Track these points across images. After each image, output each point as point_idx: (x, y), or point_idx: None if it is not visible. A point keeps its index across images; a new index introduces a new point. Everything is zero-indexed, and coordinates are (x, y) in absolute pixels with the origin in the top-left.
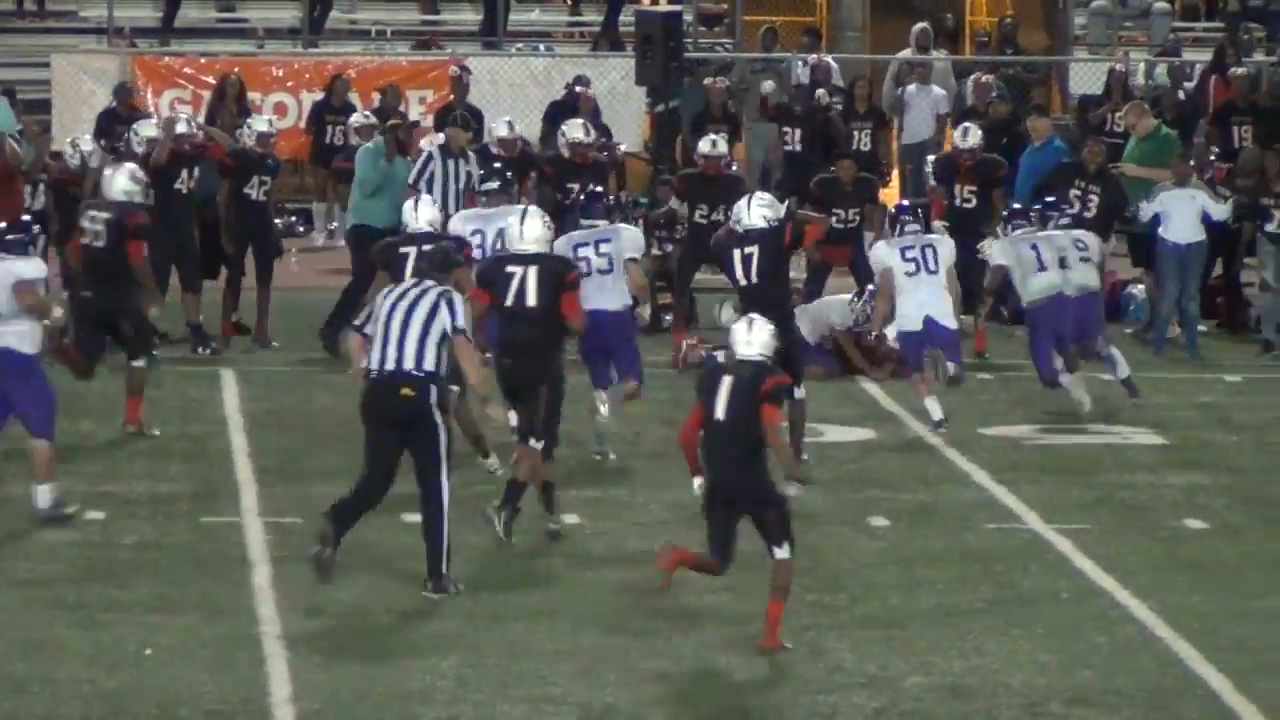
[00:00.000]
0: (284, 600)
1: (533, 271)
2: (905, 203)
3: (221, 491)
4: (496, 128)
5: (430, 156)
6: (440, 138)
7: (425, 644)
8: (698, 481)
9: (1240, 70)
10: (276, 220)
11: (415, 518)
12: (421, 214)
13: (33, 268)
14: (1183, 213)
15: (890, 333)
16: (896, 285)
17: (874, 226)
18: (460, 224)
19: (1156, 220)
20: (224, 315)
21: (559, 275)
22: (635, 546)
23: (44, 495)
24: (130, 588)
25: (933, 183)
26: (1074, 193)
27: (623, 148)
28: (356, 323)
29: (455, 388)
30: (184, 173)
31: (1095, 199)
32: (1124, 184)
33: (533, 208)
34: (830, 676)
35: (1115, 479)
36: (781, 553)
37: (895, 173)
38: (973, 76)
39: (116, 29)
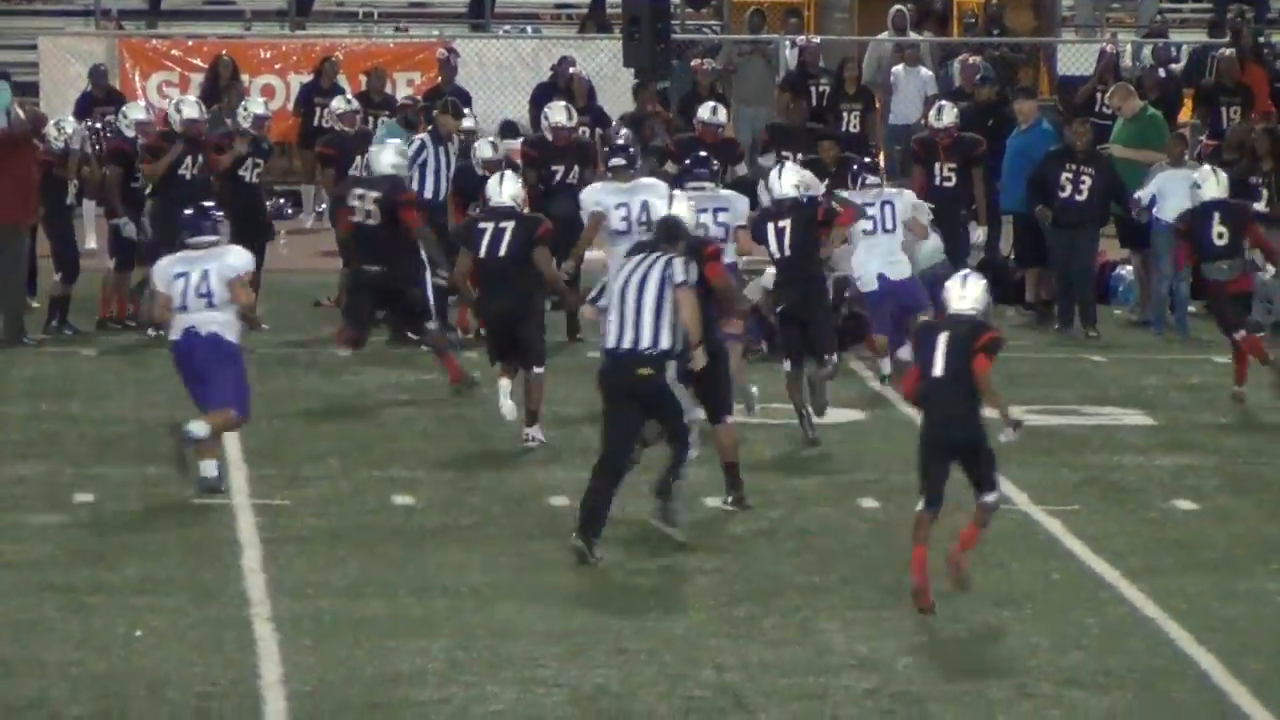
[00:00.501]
0: (274, 582)
1: None
2: (866, 159)
3: None
4: (480, 148)
5: (423, 145)
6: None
7: (415, 626)
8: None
9: (1229, 51)
10: (266, 203)
11: (407, 500)
12: (506, 189)
13: (242, 260)
14: (1178, 193)
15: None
16: (854, 243)
17: None
18: (601, 195)
19: (1151, 201)
20: None
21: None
22: (625, 529)
23: (210, 467)
24: (119, 570)
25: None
26: (1065, 175)
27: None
28: (591, 296)
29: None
30: (189, 158)
31: (1087, 181)
32: (1115, 165)
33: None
34: (821, 658)
35: (1105, 460)
36: (989, 497)
37: (882, 154)
38: (959, 58)
39: (103, 11)
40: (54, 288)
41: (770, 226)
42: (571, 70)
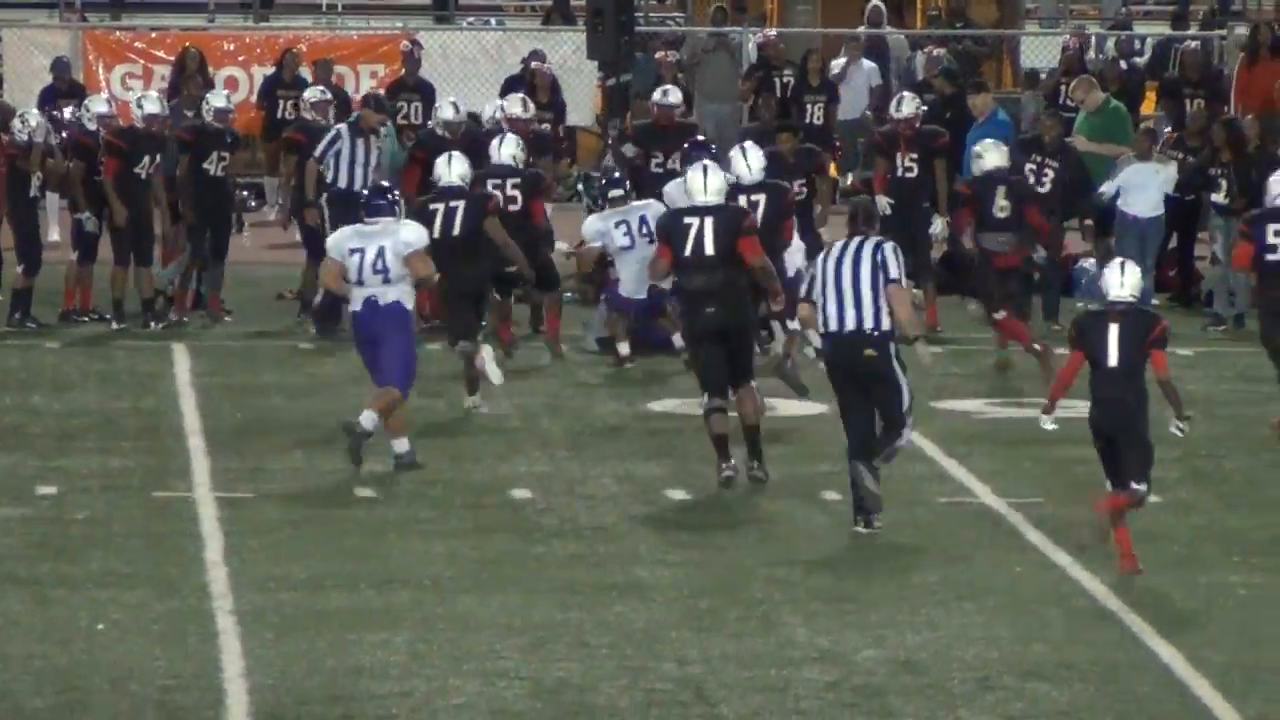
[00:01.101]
0: (236, 575)
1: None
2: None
3: (173, 466)
4: (442, 109)
5: (338, 134)
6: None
7: (377, 619)
8: (1049, 420)
9: (1193, 44)
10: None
11: (369, 492)
12: (454, 168)
13: (416, 234)
14: (1144, 186)
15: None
16: None
17: (822, 199)
18: (600, 224)
19: (1115, 194)
20: (179, 288)
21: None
22: (586, 520)
23: (402, 444)
24: (82, 563)
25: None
26: (1030, 167)
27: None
28: (801, 292)
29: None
30: (146, 158)
31: (1050, 173)
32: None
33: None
34: (783, 650)
35: (1067, 453)
36: (1140, 487)
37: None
38: (923, 50)
39: (67, 3)
40: (16, 280)
41: (743, 199)
42: (534, 65)
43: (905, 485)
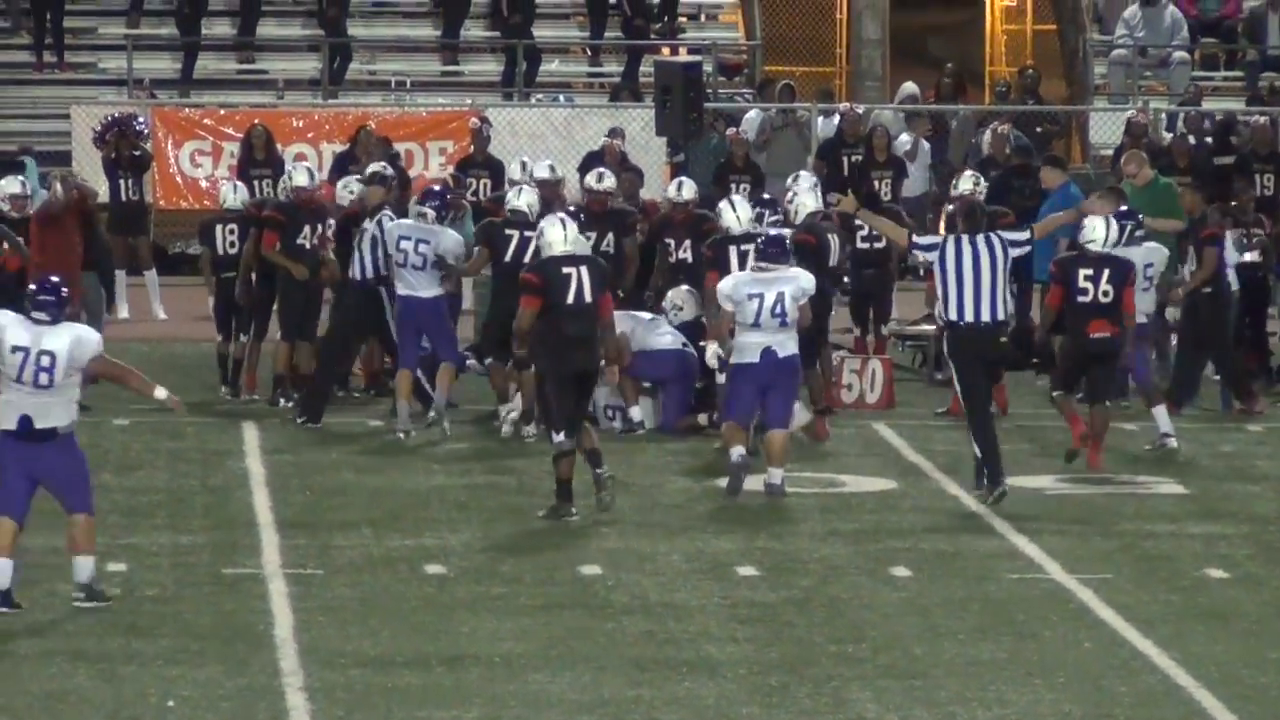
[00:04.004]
0: (305, 652)
1: None
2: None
3: (242, 543)
4: (537, 169)
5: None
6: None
7: (447, 696)
8: None
9: (1263, 119)
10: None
11: (439, 568)
12: (523, 198)
13: (810, 281)
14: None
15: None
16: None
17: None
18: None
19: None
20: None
21: None
22: (655, 597)
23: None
24: (151, 640)
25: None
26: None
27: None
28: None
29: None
30: (306, 228)
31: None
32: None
33: None
34: None
35: (1136, 528)
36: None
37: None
38: (990, 126)
39: (136, 80)
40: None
41: (733, 249)
42: (605, 140)
43: (974, 561)
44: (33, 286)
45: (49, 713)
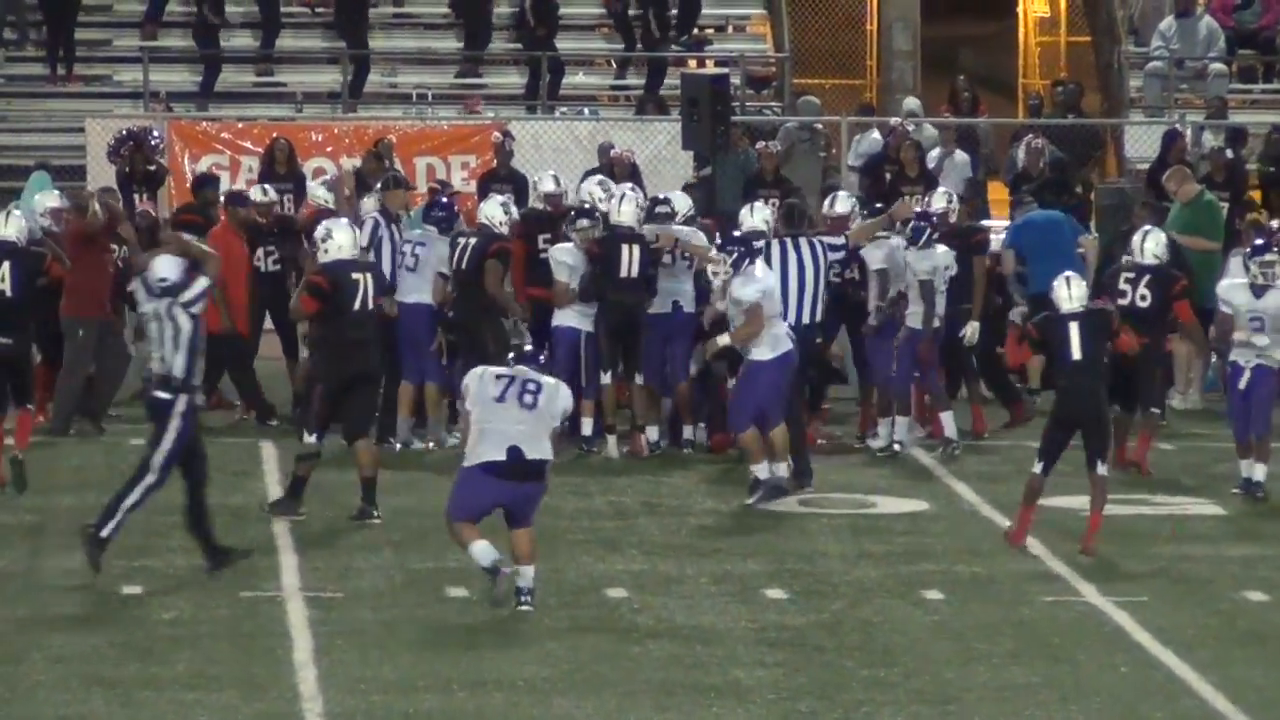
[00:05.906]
0: (325, 676)
1: None
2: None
3: (261, 565)
4: (542, 181)
5: (377, 224)
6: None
7: None
8: None
9: None
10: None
11: (461, 591)
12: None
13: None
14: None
15: None
16: None
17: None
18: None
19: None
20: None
21: None
22: (682, 620)
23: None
24: (169, 664)
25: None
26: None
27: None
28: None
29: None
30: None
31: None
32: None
33: None
34: None
35: (1173, 550)
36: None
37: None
38: (1024, 140)
39: (153, 93)
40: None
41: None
42: (614, 152)
43: (1008, 584)
44: None
45: None
